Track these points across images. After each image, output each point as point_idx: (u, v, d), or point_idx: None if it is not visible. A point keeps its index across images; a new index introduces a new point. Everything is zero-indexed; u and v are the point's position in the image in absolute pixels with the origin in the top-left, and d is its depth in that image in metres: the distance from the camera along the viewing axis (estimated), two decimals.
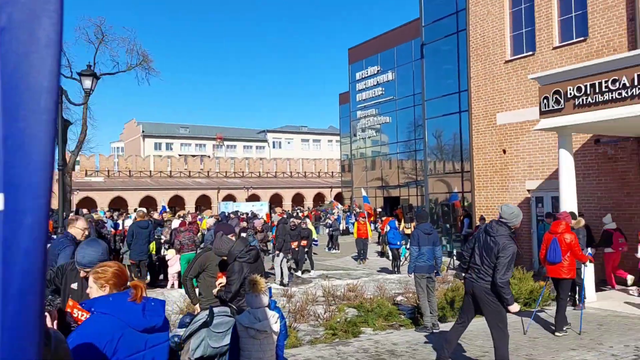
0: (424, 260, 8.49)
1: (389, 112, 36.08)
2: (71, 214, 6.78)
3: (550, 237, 8.16)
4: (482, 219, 15.11)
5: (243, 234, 11.71)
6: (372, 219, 21.52)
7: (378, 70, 36.59)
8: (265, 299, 4.42)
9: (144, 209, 15.82)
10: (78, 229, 5.53)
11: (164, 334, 2.79)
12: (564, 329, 7.89)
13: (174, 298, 10.36)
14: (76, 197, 42.89)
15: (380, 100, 36.58)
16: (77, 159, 45.68)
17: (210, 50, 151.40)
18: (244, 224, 16.83)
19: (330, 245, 23.90)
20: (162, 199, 43.25)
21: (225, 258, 5.50)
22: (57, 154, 11.79)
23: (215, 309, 4.90)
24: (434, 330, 8.20)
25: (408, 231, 18.11)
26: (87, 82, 11.11)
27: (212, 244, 5.93)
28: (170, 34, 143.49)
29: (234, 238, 5.78)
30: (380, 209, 34.45)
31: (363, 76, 37.96)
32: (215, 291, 5.55)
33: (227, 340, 4.71)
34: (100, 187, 47.62)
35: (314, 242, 19.75)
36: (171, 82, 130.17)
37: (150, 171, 53.37)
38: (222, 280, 5.44)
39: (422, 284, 8.51)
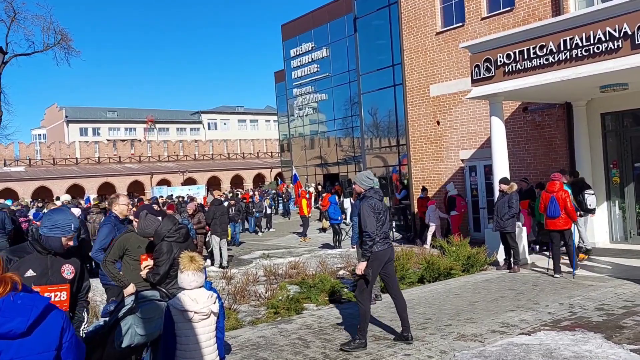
0: None
1: (325, 89, 35.90)
2: (112, 195, 6.55)
3: (548, 196, 9.34)
4: (424, 189, 15.25)
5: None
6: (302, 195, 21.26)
7: (312, 47, 36.21)
8: (202, 278, 4.07)
9: (69, 196, 14.85)
10: (122, 205, 5.59)
11: (35, 342, 2.12)
12: (561, 271, 9.21)
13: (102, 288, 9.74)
14: None
15: (316, 77, 36.30)
16: None
17: (136, 29, 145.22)
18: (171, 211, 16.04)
19: (262, 227, 23.31)
20: (89, 188, 41.30)
21: (152, 239, 5.09)
22: None
23: (142, 294, 4.51)
24: (377, 301, 8.14)
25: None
26: None
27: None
28: (91, 10, 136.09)
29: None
30: (319, 186, 34.41)
31: (297, 53, 37.46)
32: (143, 273, 5.13)
33: (156, 326, 4.35)
34: (21, 177, 44.78)
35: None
36: (94, 63, 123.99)
37: (77, 158, 50.77)
38: (148, 262, 5.03)
39: None
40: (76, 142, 53.53)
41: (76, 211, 13.38)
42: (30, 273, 3.43)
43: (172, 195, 28.14)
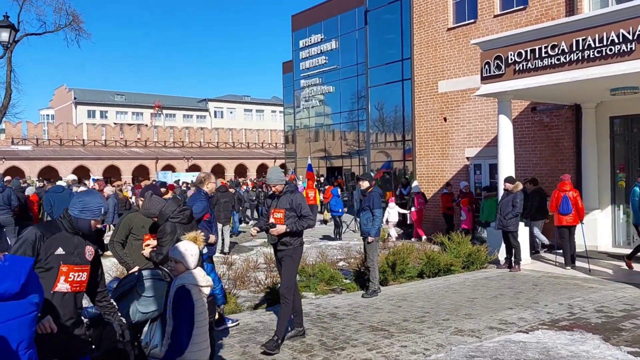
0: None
1: (332, 81, 35.79)
2: (201, 173, 6.86)
3: (560, 195, 10.11)
4: (447, 184, 15.13)
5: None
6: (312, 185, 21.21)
7: (322, 39, 36.06)
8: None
9: (74, 176, 14.90)
10: (212, 183, 6.14)
11: (25, 303, 2.18)
12: (572, 264, 10.07)
13: (106, 267, 9.79)
14: (2, 166, 40.37)
15: (324, 69, 36.17)
16: (2, 126, 42.72)
17: (148, 14, 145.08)
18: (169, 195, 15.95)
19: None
20: (95, 170, 41.46)
21: (156, 219, 5.10)
22: None
23: (144, 272, 4.54)
24: (378, 293, 8.15)
25: None
26: (4, 35, 10.08)
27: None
28: None
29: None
30: (322, 178, 34.40)
31: (306, 44, 37.32)
32: (146, 252, 5.16)
33: (157, 305, 4.37)
34: (28, 156, 44.95)
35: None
36: (105, 46, 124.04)
37: (84, 140, 50.86)
38: (151, 241, 5.05)
39: (379, 247, 8.38)
40: (84, 124, 53.58)
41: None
42: (60, 251, 3.45)
43: (178, 180, 28.20)
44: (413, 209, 15.37)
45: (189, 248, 3.81)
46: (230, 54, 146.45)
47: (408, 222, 16.40)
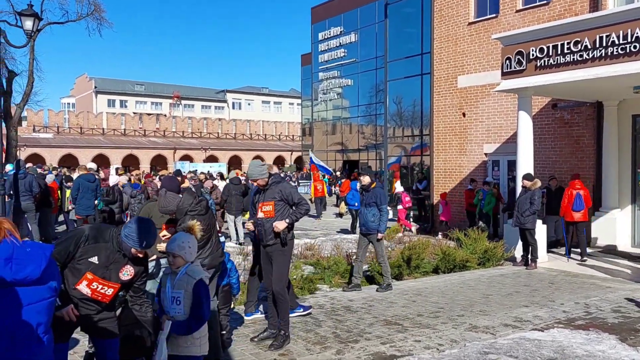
0: None
1: (351, 74, 35.67)
2: (263, 164, 7.00)
3: (573, 193, 10.69)
4: (472, 180, 14.97)
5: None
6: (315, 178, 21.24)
7: (341, 32, 35.92)
8: None
9: (93, 165, 15.09)
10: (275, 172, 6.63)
11: (45, 288, 2.24)
12: (585, 257, 10.57)
13: None
14: (23, 154, 41.04)
15: (343, 62, 36.05)
16: (24, 114, 43.41)
17: (168, 5, 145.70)
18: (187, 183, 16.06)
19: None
20: (114, 158, 41.94)
21: (174, 215, 5.15)
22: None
23: (163, 261, 4.61)
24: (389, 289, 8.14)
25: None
26: (28, 23, 10.21)
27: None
28: None
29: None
30: (338, 173, 34.39)
31: (326, 37, 37.21)
32: (162, 246, 5.21)
33: None
34: (49, 144, 45.70)
35: None
36: (126, 36, 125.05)
37: (103, 129, 51.49)
38: (165, 232, 5.11)
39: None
40: (104, 113, 54.21)
41: (114, 179, 13.59)
42: (94, 260, 3.50)
43: (196, 170, 28.43)
44: (400, 207, 16.23)
45: (187, 240, 3.78)
46: (249, 45, 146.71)
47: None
